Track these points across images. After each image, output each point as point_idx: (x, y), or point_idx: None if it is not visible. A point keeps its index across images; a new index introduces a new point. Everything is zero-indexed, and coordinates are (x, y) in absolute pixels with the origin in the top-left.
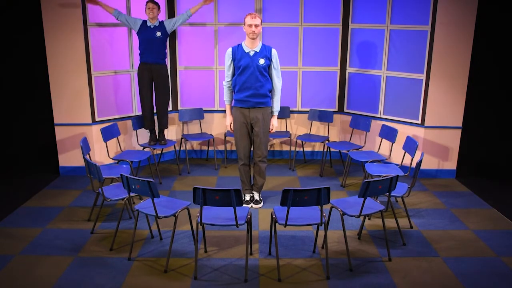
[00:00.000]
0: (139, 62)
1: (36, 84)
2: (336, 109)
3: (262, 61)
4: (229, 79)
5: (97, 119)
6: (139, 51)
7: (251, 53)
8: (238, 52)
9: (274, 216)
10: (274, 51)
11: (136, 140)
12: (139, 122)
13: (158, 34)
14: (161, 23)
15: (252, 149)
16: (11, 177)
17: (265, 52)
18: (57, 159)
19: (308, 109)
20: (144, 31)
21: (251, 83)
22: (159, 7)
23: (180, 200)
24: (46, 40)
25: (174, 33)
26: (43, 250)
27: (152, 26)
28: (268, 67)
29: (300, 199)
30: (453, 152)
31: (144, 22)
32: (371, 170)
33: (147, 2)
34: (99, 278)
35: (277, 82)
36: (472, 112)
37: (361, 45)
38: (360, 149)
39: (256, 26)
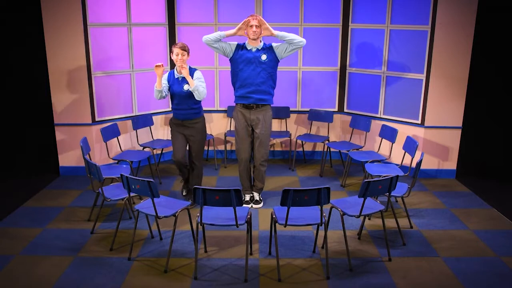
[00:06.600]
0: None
1: (36, 84)
2: (336, 109)
3: (264, 57)
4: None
5: (97, 119)
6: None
7: (253, 50)
8: (241, 48)
9: (274, 216)
10: (274, 43)
11: (136, 140)
12: (139, 122)
13: (186, 87)
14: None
15: (252, 151)
16: (11, 177)
17: (267, 48)
18: (57, 159)
19: (308, 109)
20: (173, 84)
21: (252, 79)
22: (188, 53)
23: (180, 200)
24: (46, 40)
25: (174, 32)
26: (43, 250)
27: (180, 78)
28: (272, 62)
29: (300, 199)
30: (453, 152)
31: (172, 71)
32: (371, 170)
33: (173, 47)
34: (99, 278)
35: (301, 38)
36: (472, 112)
37: (361, 45)
38: (360, 149)
39: (257, 26)
